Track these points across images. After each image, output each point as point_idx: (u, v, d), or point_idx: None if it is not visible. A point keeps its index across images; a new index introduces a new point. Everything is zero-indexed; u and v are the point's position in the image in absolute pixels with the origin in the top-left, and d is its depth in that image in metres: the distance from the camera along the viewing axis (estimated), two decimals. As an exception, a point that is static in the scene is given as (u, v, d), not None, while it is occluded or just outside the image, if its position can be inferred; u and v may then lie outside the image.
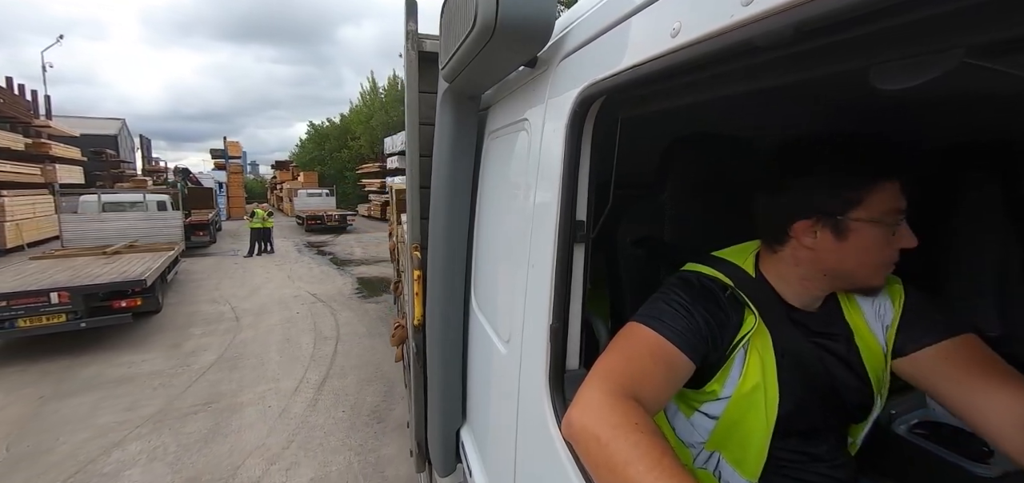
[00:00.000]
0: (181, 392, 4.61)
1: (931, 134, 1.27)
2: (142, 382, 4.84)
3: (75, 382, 4.81)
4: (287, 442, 3.68)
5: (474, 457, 1.37)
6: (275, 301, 8.23)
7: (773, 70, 0.50)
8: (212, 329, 6.56)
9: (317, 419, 4.04)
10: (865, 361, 0.83)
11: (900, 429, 1.24)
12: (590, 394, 0.68)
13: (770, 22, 0.42)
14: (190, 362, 5.37)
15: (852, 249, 0.74)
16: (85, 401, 4.41)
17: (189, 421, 4.03)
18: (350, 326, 6.76)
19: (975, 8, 0.33)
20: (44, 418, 4.12)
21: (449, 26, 1.01)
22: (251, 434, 3.80)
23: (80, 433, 3.85)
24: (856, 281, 0.79)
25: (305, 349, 5.79)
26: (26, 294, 5.03)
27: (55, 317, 5.19)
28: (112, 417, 4.12)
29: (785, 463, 0.83)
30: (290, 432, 3.83)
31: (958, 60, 0.41)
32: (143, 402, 4.42)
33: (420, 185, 1.60)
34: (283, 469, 3.33)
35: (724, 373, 0.79)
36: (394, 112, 26.43)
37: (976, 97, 0.90)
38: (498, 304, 1.16)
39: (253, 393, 4.56)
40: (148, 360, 5.39)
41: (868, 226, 0.73)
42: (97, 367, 5.16)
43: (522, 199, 0.98)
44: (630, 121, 0.81)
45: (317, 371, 5.08)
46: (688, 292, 0.80)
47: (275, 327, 6.74)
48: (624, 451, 0.58)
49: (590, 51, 0.75)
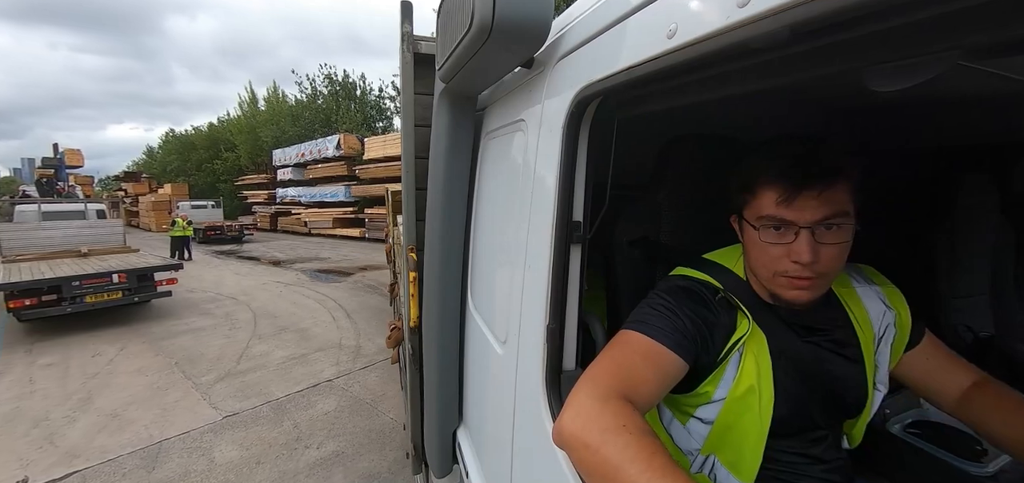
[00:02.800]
0: (253, 329, 6.77)
1: (927, 135, 1.28)
2: (214, 330, 6.71)
3: (166, 335, 6.47)
4: (341, 334, 6.61)
5: (471, 458, 1.36)
6: (251, 287, 9.74)
7: (769, 71, 0.50)
8: (225, 304, 8.27)
9: (343, 322, 7.25)
10: (863, 353, 0.84)
11: (894, 428, 1.24)
12: (579, 400, 0.67)
13: (766, 24, 0.42)
14: (235, 319, 7.29)
15: (748, 247, 0.80)
16: (188, 340, 6.28)
17: (275, 338, 6.36)
18: (332, 293, 9.16)
19: (968, 10, 0.33)
20: (166, 347, 6.03)
21: (445, 26, 1.01)
22: (320, 330, 6.74)
23: (215, 344, 6.13)
24: (764, 284, 0.81)
25: (313, 304, 8.30)
26: (94, 275, 6.41)
27: (114, 293, 6.61)
28: (222, 341, 6.24)
29: (782, 466, 0.83)
30: (341, 327, 6.91)
31: (952, 62, 0.41)
32: (232, 336, 6.46)
33: (416, 187, 1.60)
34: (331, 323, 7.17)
35: (718, 375, 0.79)
36: (286, 125, 25.80)
37: (971, 98, 0.91)
38: (495, 305, 1.16)
39: (308, 320, 7.30)
40: (199, 323, 7.08)
41: (750, 228, 0.77)
42: (166, 327, 6.83)
43: (519, 200, 0.98)
44: (627, 122, 0.82)
45: (330, 312, 7.80)
46: (673, 296, 0.81)
47: (275, 298, 8.77)
48: (615, 455, 0.58)
49: (586, 52, 0.75)
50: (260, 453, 3.58)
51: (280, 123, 26.28)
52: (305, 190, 22.78)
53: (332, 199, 21.07)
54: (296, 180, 23.71)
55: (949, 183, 1.31)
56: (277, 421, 4.09)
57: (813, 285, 0.74)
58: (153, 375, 5.17)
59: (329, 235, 20.35)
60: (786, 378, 0.79)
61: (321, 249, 16.66)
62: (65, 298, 6.12)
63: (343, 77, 26.60)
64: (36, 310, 5.98)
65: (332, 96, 26.31)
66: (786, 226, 0.72)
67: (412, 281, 1.61)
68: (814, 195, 0.70)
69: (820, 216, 0.70)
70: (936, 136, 1.28)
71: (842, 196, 0.71)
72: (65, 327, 6.56)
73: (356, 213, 20.07)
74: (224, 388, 4.82)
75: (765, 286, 0.80)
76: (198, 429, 3.96)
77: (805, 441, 0.84)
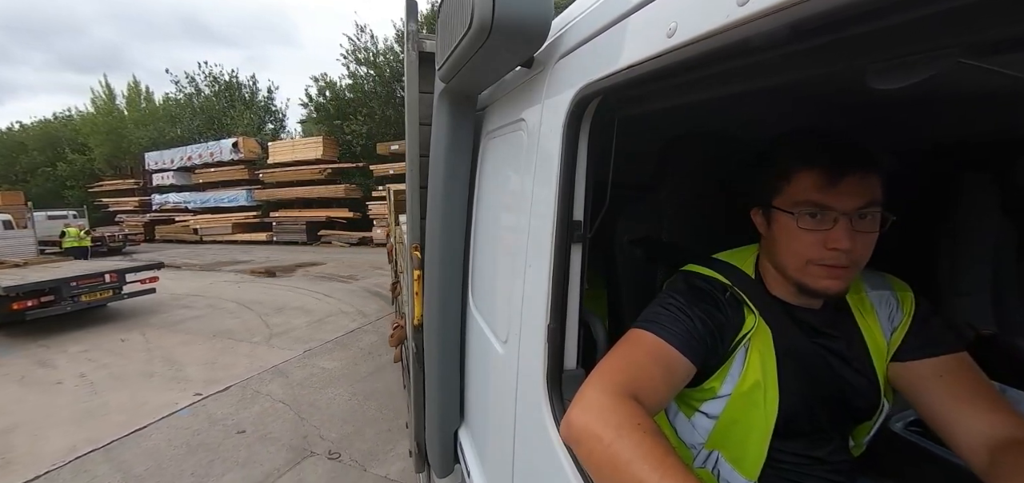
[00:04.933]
0: (253, 312, 7.81)
1: (928, 133, 1.27)
2: (215, 316, 7.62)
3: (173, 323, 7.33)
4: (339, 305, 8.19)
5: (472, 458, 1.36)
6: (203, 287, 10.28)
7: (769, 69, 0.50)
8: (197, 301, 8.81)
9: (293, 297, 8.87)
10: (874, 361, 0.83)
11: (896, 426, 1.24)
12: (591, 395, 0.67)
13: (766, 22, 0.42)
14: (223, 308, 8.12)
15: (777, 238, 0.77)
16: (199, 324, 7.21)
17: (281, 315, 7.59)
18: (298, 284, 10.33)
19: (969, 8, 0.33)
20: (185, 329, 6.96)
21: (445, 26, 1.01)
22: (316, 306, 8.18)
23: (230, 323, 7.19)
24: (791, 275, 0.78)
25: (288, 293, 9.34)
26: (89, 276, 6.88)
27: (105, 292, 7.11)
28: (233, 321, 7.26)
29: (786, 465, 0.83)
30: (333, 302, 8.42)
31: (952, 60, 0.41)
32: (240, 316, 7.62)
33: (420, 185, 1.60)
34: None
35: (724, 371, 0.79)
36: (164, 127, 23.96)
37: (972, 96, 0.91)
38: (496, 305, 1.16)
39: (296, 302, 8.47)
40: (192, 313, 7.87)
41: (784, 215, 0.75)
42: (163, 318, 7.55)
43: (519, 200, 0.98)
44: (627, 121, 0.82)
45: (311, 296, 8.94)
46: (685, 295, 0.80)
47: (242, 292, 9.51)
48: (628, 450, 0.58)
49: (586, 51, 0.75)
50: (352, 360, 5.51)
51: (157, 124, 24.29)
52: (194, 195, 21.60)
53: (230, 204, 20.34)
54: (180, 185, 22.37)
55: (950, 181, 1.31)
56: (346, 346, 5.96)
57: (846, 274, 0.74)
58: (204, 343, 6.15)
59: (228, 241, 19.59)
60: (792, 377, 0.79)
61: (234, 254, 16.24)
62: (64, 298, 6.52)
63: (231, 76, 25.10)
64: (39, 310, 6.32)
65: (216, 96, 24.65)
66: (824, 212, 0.71)
67: (416, 279, 1.62)
68: (855, 180, 0.70)
69: (859, 203, 0.70)
70: (937, 134, 1.28)
71: (876, 185, 0.72)
72: (61, 327, 6.88)
73: (260, 217, 19.63)
74: (280, 341, 6.18)
75: (793, 278, 0.78)
76: (294, 358, 5.53)
77: (810, 443, 0.84)
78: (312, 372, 5.13)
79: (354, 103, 18.58)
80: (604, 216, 0.87)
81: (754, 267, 0.86)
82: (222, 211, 20.87)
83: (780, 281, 0.83)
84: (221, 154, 20.44)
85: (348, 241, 17.44)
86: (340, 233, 17.80)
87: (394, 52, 18.18)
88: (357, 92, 18.94)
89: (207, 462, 3.51)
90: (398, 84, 17.58)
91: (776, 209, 0.77)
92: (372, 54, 18.87)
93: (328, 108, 19.61)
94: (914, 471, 1.15)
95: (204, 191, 21.59)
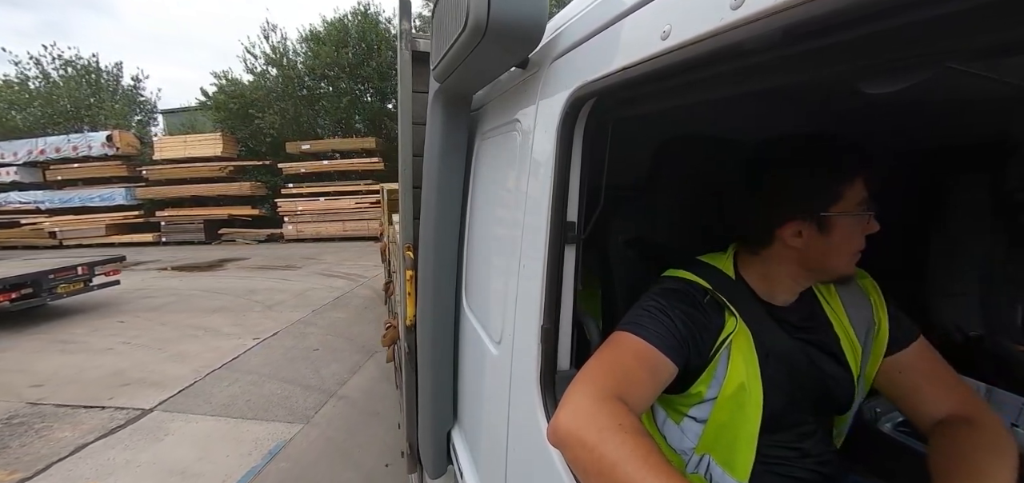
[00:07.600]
0: (228, 295, 7.98)
1: (918, 136, 1.29)
2: (191, 300, 7.76)
3: (155, 307, 7.43)
4: (313, 284, 8.77)
5: (465, 459, 1.36)
6: (139, 283, 9.82)
7: (762, 73, 0.51)
8: (157, 293, 8.64)
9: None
10: (845, 349, 0.86)
11: (885, 427, 1.26)
12: (575, 399, 0.68)
13: (759, 26, 0.42)
14: (189, 297, 8.09)
15: (835, 243, 0.79)
16: (183, 306, 7.42)
17: (254, 295, 7.84)
18: (243, 277, 10.12)
19: (957, 15, 0.34)
20: (182, 305, 7.37)
21: (440, 26, 1.00)
22: (290, 285, 8.69)
23: (216, 302, 7.47)
24: (836, 272, 0.83)
25: (243, 283, 9.20)
26: (64, 269, 6.77)
27: (78, 284, 7.02)
28: (218, 301, 7.51)
29: (775, 461, 0.84)
30: (306, 285, 8.75)
31: (941, 66, 0.41)
32: (215, 299, 7.71)
33: (413, 185, 1.59)
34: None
35: (709, 375, 0.80)
36: (3, 116, 19.68)
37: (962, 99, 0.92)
38: (489, 305, 1.16)
39: (263, 288, 8.41)
40: (163, 300, 7.91)
41: (846, 219, 0.78)
42: (138, 306, 7.59)
43: (513, 200, 0.98)
44: (622, 122, 0.82)
45: (271, 283, 9.05)
46: (665, 297, 0.82)
47: (195, 285, 9.34)
48: (613, 452, 0.59)
49: (581, 53, 0.75)
50: (357, 310, 6.61)
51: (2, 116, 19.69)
52: (49, 194, 18.10)
53: (103, 203, 17.71)
54: (28, 182, 18.55)
55: (940, 183, 1.32)
56: (346, 305, 6.76)
57: None
58: (213, 316, 6.53)
59: (102, 243, 16.58)
60: (776, 374, 0.81)
61: (128, 255, 15.19)
62: (43, 290, 6.52)
63: (89, 61, 21.09)
64: (20, 302, 6.28)
65: (73, 82, 20.75)
66: (869, 205, 0.79)
67: (409, 279, 1.61)
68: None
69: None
70: (927, 136, 1.30)
71: None
72: (44, 319, 6.86)
73: (144, 217, 17.73)
74: (282, 310, 6.72)
75: (842, 273, 0.83)
76: (308, 316, 6.30)
77: (795, 435, 0.86)
78: (333, 320, 6.15)
79: (259, 102, 17.41)
80: (599, 216, 0.87)
81: (733, 268, 0.88)
82: (92, 211, 17.73)
83: (773, 282, 0.86)
84: (89, 149, 17.44)
85: (256, 238, 16.30)
86: (245, 231, 16.59)
87: (312, 48, 17.07)
88: (259, 91, 17.69)
89: (309, 362, 4.70)
90: (321, 81, 16.72)
91: (841, 215, 0.78)
92: (279, 54, 17.74)
93: (230, 106, 18.03)
94: (904, 470, 1.16)
95: (63, 189, 18.21)
